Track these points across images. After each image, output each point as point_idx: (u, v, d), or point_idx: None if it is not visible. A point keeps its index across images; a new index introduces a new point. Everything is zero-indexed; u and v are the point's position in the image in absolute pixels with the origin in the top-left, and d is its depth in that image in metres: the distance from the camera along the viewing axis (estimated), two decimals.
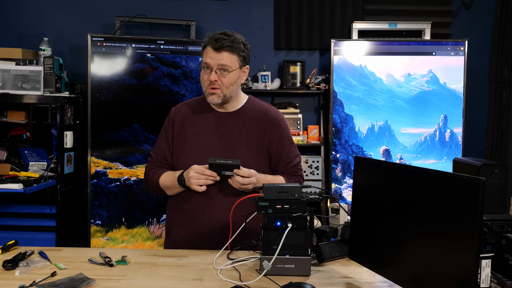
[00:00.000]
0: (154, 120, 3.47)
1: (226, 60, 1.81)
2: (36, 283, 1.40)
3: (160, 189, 1.92)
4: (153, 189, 1.96)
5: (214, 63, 1.81)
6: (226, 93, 1.85)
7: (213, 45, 1.80)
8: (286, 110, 3.87)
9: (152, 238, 3.55)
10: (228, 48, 1.80)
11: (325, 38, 4.00)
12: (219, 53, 1.80)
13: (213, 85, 1.82)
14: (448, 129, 3.78)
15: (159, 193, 1.95)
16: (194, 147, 1.89)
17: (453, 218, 1.12)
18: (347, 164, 3.77)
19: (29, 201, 3.39)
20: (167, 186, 1.89)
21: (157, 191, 1.95)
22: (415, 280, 1.24)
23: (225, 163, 1.73)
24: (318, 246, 1.63)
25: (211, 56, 1.81)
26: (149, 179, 1.95)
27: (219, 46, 1.79)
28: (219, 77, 1.82)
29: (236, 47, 1.82)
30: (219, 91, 1.83)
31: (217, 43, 1.80)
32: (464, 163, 1.60)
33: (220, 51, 1.80)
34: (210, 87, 1.83)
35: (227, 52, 1.81)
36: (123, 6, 3.94)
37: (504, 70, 3.96)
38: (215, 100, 1.85)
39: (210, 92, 1.84)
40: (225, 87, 1.83)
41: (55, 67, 3.36)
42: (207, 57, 1.82)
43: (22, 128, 3.54)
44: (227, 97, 1.86)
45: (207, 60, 1.82)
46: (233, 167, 1.73)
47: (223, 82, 1.82)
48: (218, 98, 1.84)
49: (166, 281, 1.46)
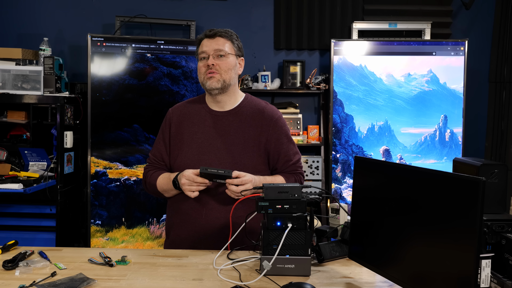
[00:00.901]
0: (154, 120, 3.47)
1: (222, 45, 1.87)
2: (36, 283, 1.40)
3: (158, 192, 1.93)
4: (152, 191, 1.97)
5: (210, 49, 1.86)
6: (225, 77, 1.85)
7: (208, 34, 1.89)
8: (286, 110, 3.87)
9: (152, 238, 3.55)
10: (222, 34, 1.89)
11: (325, 38, 4.00)
12: (214, 39, 1.87)
13: (211, 69, 1.84)
14: (448, 129, 3.78)
15: (158, 195, 1.96)
16: (191, 147, 1.89)
17: (453, 218, 1.12)
18: (347, 164, 3.77)
19: (29, 201, 3.39)
20: (164, 189, 1.90)
21: (155, 193, 1.96)
22: (415, 280, 1.24)
23: (217, 173, 1.71)
24: (318, 246, 1.63)
25: (206, 44, 1.88)
26: (147, 181, 1.96)
27: (214, 33, 1.88)
28: (216, 61, 1.85)
29: (230, 35, 1.91)
30: (218, 75, 1.84)
31: (210, 31, 1.89)
32: (464, 163, 1.60)
33: (214, 37, 1.88)
34: (208, 71, 1.84)
35: (222, 38, 1.88)
36: (123, 6, 3.94)
37: (504, 70, 3.96)
38: (214, 84, 1.84)
39: (208, 77, 1.84)
40: (223, 71, 1.85)
41: (55, 67, 3.36)
42: (203, 46, 1.89)
43: (22, 128, 3.54)
44: (226, 83, 1.86)
45: (203, 49, 1.88)
46: (225, 177, 1.71)
47: (221, 65, 1.85)
48: (217, 82, 1.84)
49: (166, 281, 1.46)
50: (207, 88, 1.87)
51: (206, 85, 1.86)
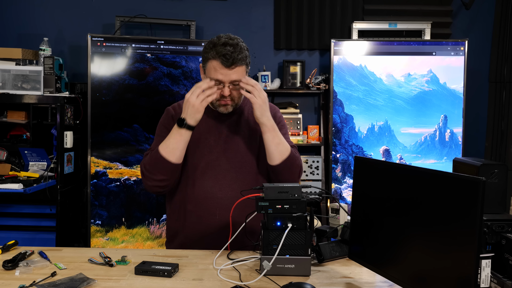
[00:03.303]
0: (154, 120, 3.41)
1: (238, 75, 1.76)
2: (36, 283, 1.40)
3: (163, 160, 1.76)
4: (154, 166, 1.79)
5: (226, 79, 1.75)
6: (238, 102, 1.86)
7: (224, 63, 1.72)
8: (286, 110, 3.88)
9: (152, 238, 3.55)
10: (238, 62, 1.74)
11: (325, 38, 4.00)
12: (230, 69, 1.74)
13: (226, 99, 1.80)
14: (448, 129, 3.78)
15: (162, 169, 1.78)
16: (197, 147, 1.88)
17: (453, 218, 1.12)
18: (347, 164, 3.77)
19: (29, 201, 3.39)
20: (167, 145, 1.76)
21: (159, 166, 1.78)
22: (415, 280, 1.24)
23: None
24: (318, 246, 1.63)
25: (222, 72, 1.74)
26: (148, 159, 1.83)
27: (231, 63, 1.72)
28: (231, 90, 1.79)
29: (244, 58, 1.77)
30: (231, 102, 1.83)
31: (228, 60, 1.72)
32: (464, 163, 1.60)
33: (232, 68, 1.74)
34: (222, 100, 1.81)
35: (239, 66, 1.75)
36: (123, 6, 3.94)
37: (504, 70, 3.96)
38: (228, 110, 1.84)
39: (222, 104, 1.82)
40: (237, 98, 1.84)
41: (55, 67, 3.36)
42: (217, 74, 1.74)
43: (22, 128, 3.54)
44: (237, 105, 1.87)
45: (218, 77, 1.74)
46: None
47: (235, 94, 1.81)
48: (230, 108, 1.84)
49: (166, 281, 1.46)
50: (219, 111, 1.85)
51: (218, 109, 1.85)
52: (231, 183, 1.84)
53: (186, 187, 1.86)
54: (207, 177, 1.84)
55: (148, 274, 1.49)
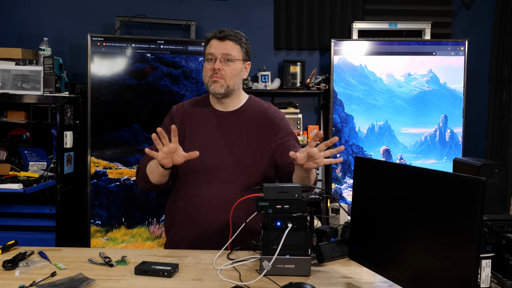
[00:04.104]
0: (154, 120, 3.47)
1: (230, 49, 1.84)
2: (36, 283, 1.40)
3: (145, 176, 1.84)
4: (140, 178, 1.89)
5: (218, 52, 1.83)
6: (230, 83, 1.85)
7: (218, 35, 1.85)
8: (286, 110, 3.87)
9: (152, 238, 3.55)
10: (232, 37, 1.85)
11: (325, 38, 4.00)
12: (223, 42, 1.84)
13: (217, 74, 1.83)
14: (448, 129, 3.78)
15: (145, 182, 1.87)
16: (193, 145, 1.88)
17: (453, 218, 1.12)
18: (347, 164, 3.77)
19: (29, 201, 3.39)
20: (151, 170, 1.82)
21: (143, 180, 1.87)
22: (415, 280, 1.24)
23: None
24: (318, 246, 1.63)
25: (215, 46, 1.85)
26: (140, 166, 1.91)
27: (224, 35, 1.84)
28: (223, 66, 1.83)
29: (240, 39, 1.87)
30: (222, 80, 1.84)
31: (221, 33, 1.85)
32: (464, 163, 1.60)
33: (224, 40, 1.84)
34: (213, 75, 1.84)
35: (232, 42, 1.85)
36: (123, 6, 3.94)
37: (504, 70, 3.96)
38: (218, 89, 1.84)
39: (213, 80, 1.84)
40: (229, 77, 1.84)
41: (55, 67, 3.36)
42: (211, 48, 1.85)
43: (22, 128, 3.54)
44: (230, 88, 1.86)
45: (211, 50, 1.85)
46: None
47: (227, 71, 1.84)
48: (221, 88, 1.84)
49: (166, 281, 1.46)
50: (211, 91, 1.88)
51: (209, 88, 1.87)
52: (220, 183, 1.84)
53: (180, 184, 1.90)
54: (200, 175, 1.86)
55: (148, 274, 1.49)
